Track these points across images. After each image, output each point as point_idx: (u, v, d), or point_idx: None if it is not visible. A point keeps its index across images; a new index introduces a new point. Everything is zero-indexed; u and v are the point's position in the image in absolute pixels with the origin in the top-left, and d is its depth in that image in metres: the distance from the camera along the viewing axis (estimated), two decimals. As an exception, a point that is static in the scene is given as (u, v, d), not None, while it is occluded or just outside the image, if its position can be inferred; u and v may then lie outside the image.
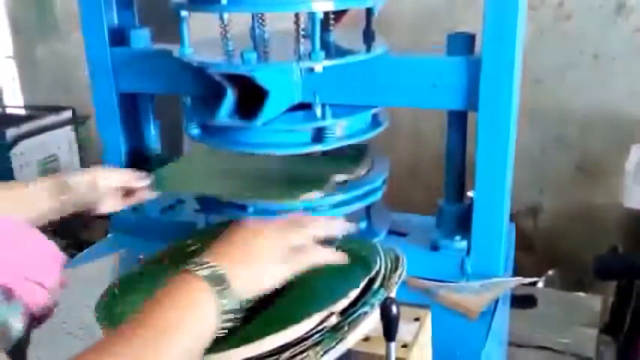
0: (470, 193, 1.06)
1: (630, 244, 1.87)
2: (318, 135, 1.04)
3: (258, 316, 0.76)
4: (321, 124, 1.03)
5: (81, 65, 1.24)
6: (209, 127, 1.10)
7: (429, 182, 1.27)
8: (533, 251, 2.27)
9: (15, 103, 3.02)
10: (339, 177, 1.09)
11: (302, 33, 1.02)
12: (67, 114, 2.64)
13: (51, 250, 0.67)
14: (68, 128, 2.64)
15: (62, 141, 2.61)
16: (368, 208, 1.16)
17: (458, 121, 1.08)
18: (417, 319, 0.78)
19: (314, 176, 1.09)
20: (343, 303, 0.70)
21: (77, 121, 2.65)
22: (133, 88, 1.24)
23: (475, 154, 1.02)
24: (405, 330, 0.74)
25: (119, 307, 0.85)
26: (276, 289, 0.81)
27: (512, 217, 1.16)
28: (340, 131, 1.05)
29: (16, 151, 2.40)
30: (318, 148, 1.04)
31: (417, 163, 2.26)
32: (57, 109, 2.63)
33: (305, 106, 1.05)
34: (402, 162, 2.16)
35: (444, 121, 1.10)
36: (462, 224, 1.09)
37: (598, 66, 2.04)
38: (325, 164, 1.13)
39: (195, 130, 1.11)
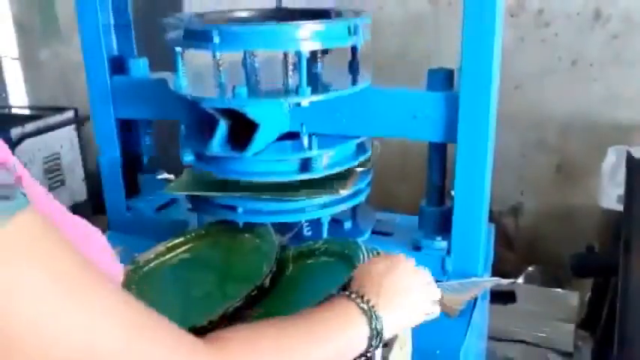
0: (453, 192, 1.08)
1: (606, 243, 1.91)
2: (306, 165, 1.08)
3: (249, 317, 0.80)
4: (308, 154, 1.07)
5: (82, 68, 1.26)
6: (202, 155, 1.12)
7: (418, 182, 1.32)
8: (515, 249, 2.32)
9: (20, 103, 3.06)
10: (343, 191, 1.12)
11: (290, 67, 1.04)
12: (70, 114, 2.67)
13: (111, 251, 0.71)
14: (70, 128, 2.67)
15: (65, 140, 2.64)
16: (354, 209, 1.19)
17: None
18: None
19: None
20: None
21: (79, 121, 2.69)
22: (130, 115, 1.28)
23: (455, 155, 1.05)
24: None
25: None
26: (264, 288, 0.86)
27: (495, 217, 1.20)
28: (326, 160, 1.09)
29: (20, 150, 2.43)
30: (305, 176, 1.08)
31: (406, 162, 2.30)
32: (60, 110, 2.67)
33: (293, 134, 1.09)
34: (391, 163, 2.21)
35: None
36: (443, 225, 1.12)
37: (576, 72, 2.08)
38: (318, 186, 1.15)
39: (189, 157, 1.13)
